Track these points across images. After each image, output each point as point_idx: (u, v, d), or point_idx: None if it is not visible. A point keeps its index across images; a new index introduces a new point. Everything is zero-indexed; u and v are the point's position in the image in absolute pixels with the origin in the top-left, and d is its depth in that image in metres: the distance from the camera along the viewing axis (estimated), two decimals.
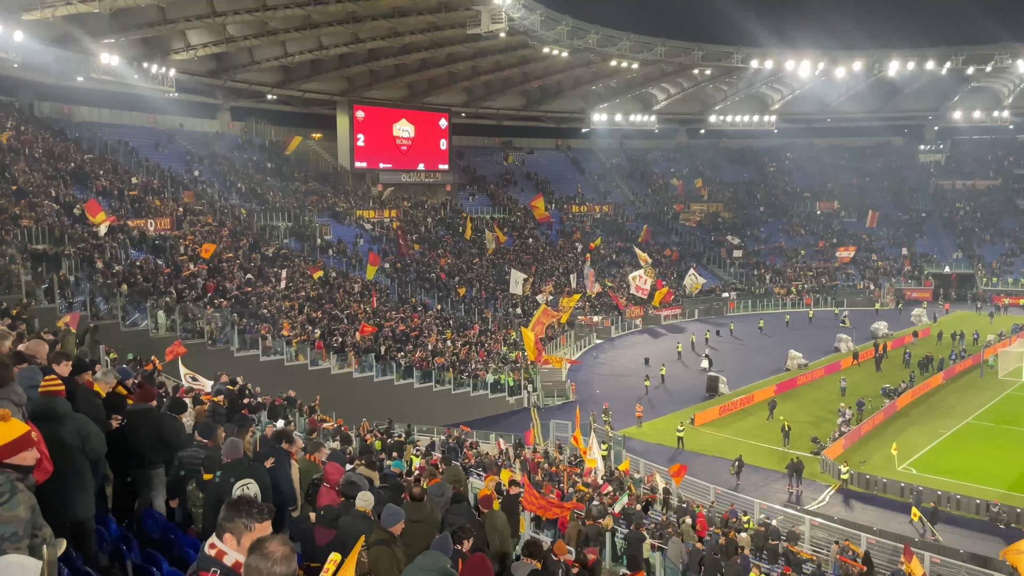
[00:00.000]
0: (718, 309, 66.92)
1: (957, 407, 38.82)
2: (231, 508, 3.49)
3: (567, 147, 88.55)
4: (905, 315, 63.35)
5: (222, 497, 5.79)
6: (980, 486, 28.48)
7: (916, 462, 31.46)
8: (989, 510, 26.44)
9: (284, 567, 3.06)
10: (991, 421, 36.70)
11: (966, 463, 31.09)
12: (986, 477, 29.45)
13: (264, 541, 3.13)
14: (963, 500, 27.35)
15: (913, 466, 31.03)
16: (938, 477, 29.53)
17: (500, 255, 61.73)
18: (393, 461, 14.84)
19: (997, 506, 26.34)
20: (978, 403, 39.43)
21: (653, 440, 35.28)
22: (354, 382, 34.62)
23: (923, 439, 34.08)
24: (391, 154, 66.86)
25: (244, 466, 6.44)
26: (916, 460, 31.66)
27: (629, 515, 20.19)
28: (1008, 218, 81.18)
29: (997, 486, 28.51)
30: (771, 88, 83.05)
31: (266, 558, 3.05)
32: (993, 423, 36.41)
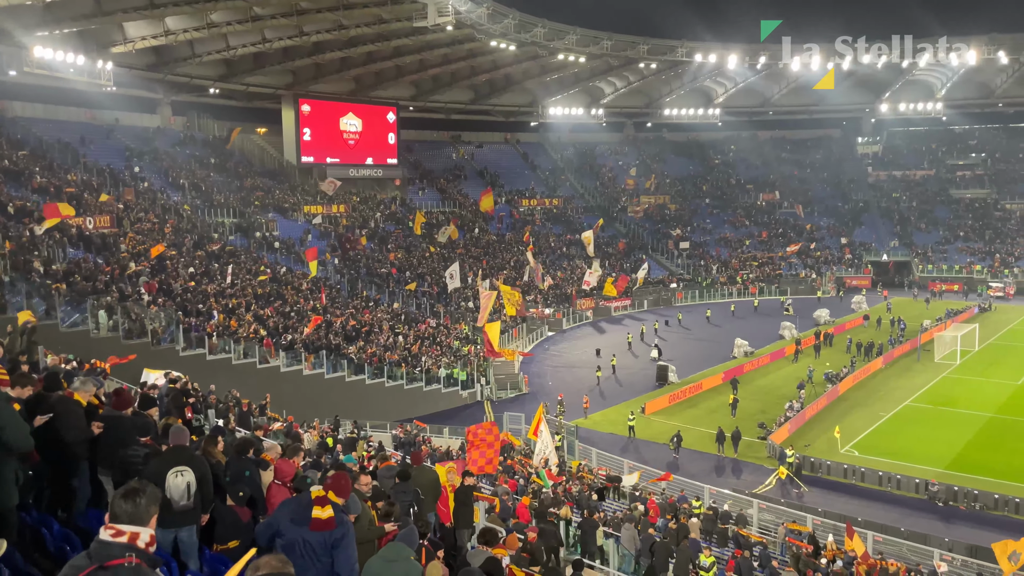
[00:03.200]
0: (667, 300, 67.91)
1: (896, 391, 40.15)
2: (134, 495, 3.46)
3: (516, 141, 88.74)
4: (846, 302, 65.22)
5: (157, 482, 5.74)
6: (919, 466, 29.54)
7: (858, 444, 32.48)
8: (928, 489, 27.45)
9: None
10: (928, 403, 38.06)
11: (905, 444, 32.21)
12: (924, 457, 30.55)
13: (258, 559, 3.25)
14: (903, 480, 28.35)
15: (855, 448, 32.03)
16: (879, 458, 30.52)
17: (451, 249, 61.59)
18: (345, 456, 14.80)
19: (935, 485, 27.36)
20: (915, 386, 40.84)
21: (605, 430, 35.70)
22: (304, 380, 34.22)
23: (864, 422, 35.18)
24: (338, 148, 66.10)
25: (186, 455, 6.37)
26: (858, 442, 32.67)
27: (582, 503, 20.43)
28: (942, 207, 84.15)
29: (935, 466, 29.60)
30: (715, 82, 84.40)
31: (255, 569, 3.18)
32: (930, 405, 37.77)
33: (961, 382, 41.70)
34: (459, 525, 9.15)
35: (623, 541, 17.46)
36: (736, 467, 31.27)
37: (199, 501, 6.05)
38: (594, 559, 16.32)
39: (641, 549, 16.98)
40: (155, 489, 3.56)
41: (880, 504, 27.00)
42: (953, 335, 47.35)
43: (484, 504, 14.86)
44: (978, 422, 34.73)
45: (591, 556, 16.20)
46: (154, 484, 4.82)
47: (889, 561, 20.90)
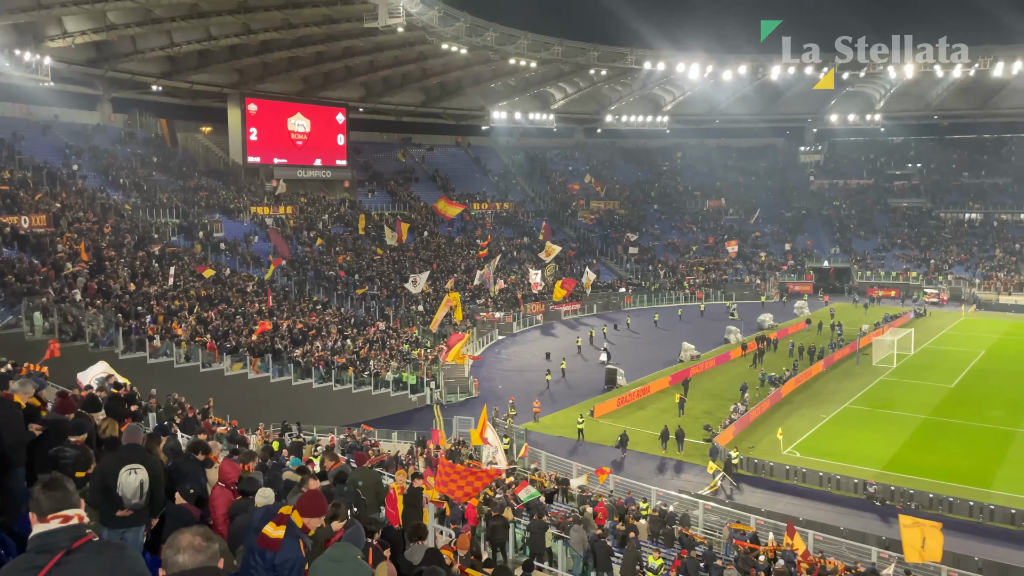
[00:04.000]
0: (615, 304, 68.59)
1: (836, 393, 41.23)
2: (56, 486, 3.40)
3: (467, 144, 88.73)
4: (789, 307, 66.75)
5: (107, 479, 5.59)
6: (858, 466, 30.36)
7: (800, 446, 33.23)
8: (866, 489, 28.21)
9: (189, 556, 3.02)
10: (867, 405, 39.15)
11: (845, 445, 33.07)
12: (863, 458, 31.40)
13: (178, 532, 3.11)
14: (842, 480, 29.09)
15: (797, 449, 32.76)
16: (820, 459, 31.27)
17: (401, 252, 61.19)
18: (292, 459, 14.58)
19: (873, 485, 28.14)
20: (855, 389, 41.99)
21: (554, 433, 35.85)
22: (249, 384, 33.58)
23: (806, 424, 36.03)
24: (286, 149, 65.14)
25: (140, 453, 6.22)
26: (800, 444, 33.43)
27: (531, 505, 20.46)
28: (880, 215, 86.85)
29: (873, 466, 30.45)
30: (663, 90, 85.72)
31: (171, 547, 3.05)
32: (868, 407, 38.86)
33: (898, 385, 43.03)
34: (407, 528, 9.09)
35: (572, 543, 17.55)
36: (683, 468, 31.70)
37: (150, 501, 5.90)
38: (543, 561, 16.36)
39: (588, 551, 17.10)
40: (71, 483, 3.50)
41: (820, 504, 27.67)
42: (890, 339, 48.82)
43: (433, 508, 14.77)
44: (914, 424, 35.85)
45: (540, 558, 16.24)
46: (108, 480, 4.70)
47: (829, 559, 21.44)
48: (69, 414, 7.24)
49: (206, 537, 3.11)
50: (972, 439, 33.66)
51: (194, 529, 3.16)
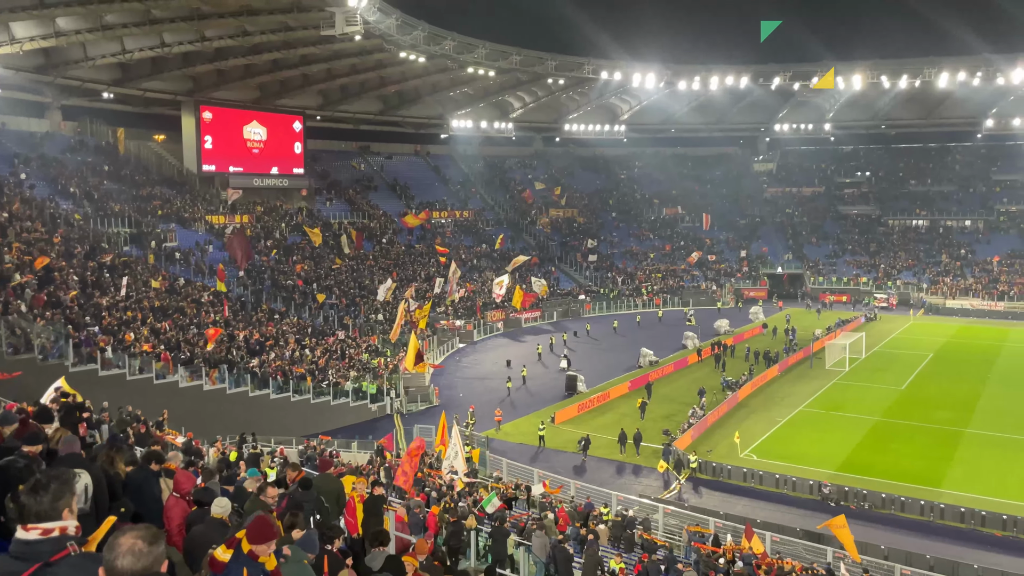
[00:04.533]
0: (575, 311, 68.98)
1: (790, 397, 42.01)
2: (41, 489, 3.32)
3: (426, 153, 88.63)
4: (744, 313, 67.87)
5: None
6: (812, 468, 30.95)
7: (756, 448, 33.77)
8: (821, 491, 28.78)
9: (129, 561, 2.87)
10: (821, 408, 39.97)
11: (800, 448, 33.70)
12: (818, 460, 32.03)
13: (117, 535, 2.96)
14: (798, 482, 29.63)
15: (754, 452, 33.28)
16: (776, 462, 31.82)
17: (360, 260, 60.79)
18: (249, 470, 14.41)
19: (828, 487, 28.72)
20: (809, 392, 42.84)
21: (516, 440, 35.89)
22: (205, 395, 33.01)
23: (762, 427, 36.63)
24: (242, 157, 64.32)
25: (80, 461, 6.14)
26: (756, 447, 33.97)
27: (492, 513, 20.45)
28: (830, 222, 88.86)
29: (827, 468, 31.08)
30: (620, 99, 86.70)
31: (110, 549, 2.90)
32: (822, 410, 39.68)
33: (850, 388, 44.00)
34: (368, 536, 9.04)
35: (534, 549, 17.57)
36: (643, 472, 31.96)
37: (95, 508, 5.80)
38: (505, 567, 16.36)
39: (552, 557, 17.15)
40: (62, 476, 3.39)
41: (777, 505, 28.13)
42: (842, 343, 49.93)
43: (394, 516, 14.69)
44: (866, 425, 36.68)
45: (502, 565, 16.24)
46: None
47: (786, 560, 21.81)
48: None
49: (149, 540, 2.94)
50: (922, 440, 34.56)
51: (136, 531, 2.98)
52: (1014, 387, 43.34)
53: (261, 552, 5.21)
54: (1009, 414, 38.05)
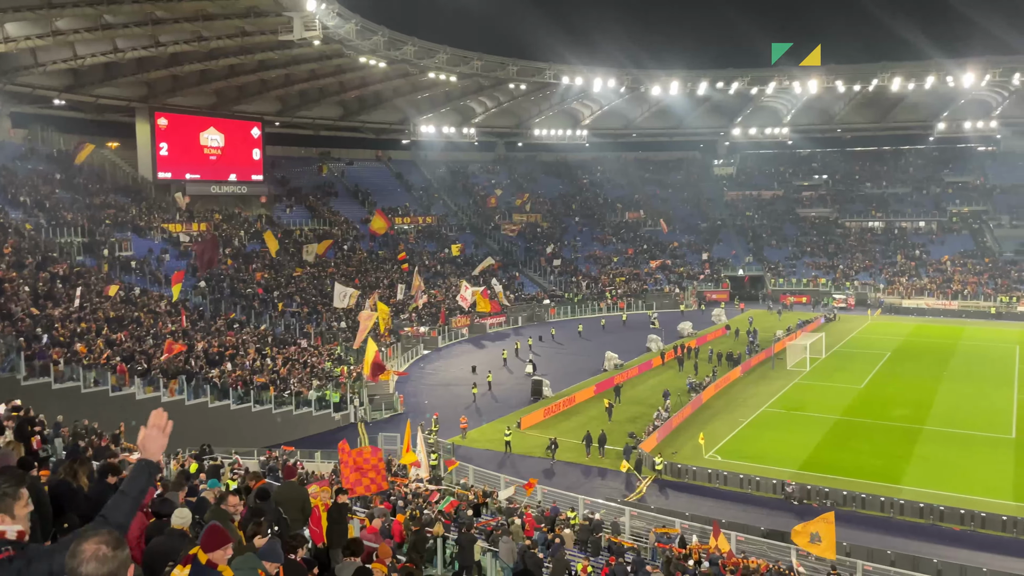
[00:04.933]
0: (540, 316, 69.04)
1: (753, 397, 42.47)
2: None
3: (388, 158, 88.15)
4: (707, 315, 68.56)
5: None
6: (776, 468, 31.28)
7: (721, 449, 34.04)
8: (784, 489, 29.09)
9: (94, 566, 2.80)
10: (783, 408, 40.47)
11: (763, 448, 34.05)
12: (781, 459, 32.39)
13: (79, 540, 2.87)
14: (762, 481, 29.91)
15: (718, 453, 33.54)
16: (740, 462, 32.10)
17: (322, 268, 60.12)
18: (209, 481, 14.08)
19: (791, 485, 29.04)
20: (771, 392, 43.35)
21: (482, 446, 35.70)
22: (163, 407, 32.21)
23: (726, 428, 36.95)
24: (199, 164, 63.24)
25: (17, 475, 5.89)
26: (721, 448, 34.25)
27: (459, 520, 20.29)
28: (790, 225, 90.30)
29: (790, 467, 31.44)
30: (582, 104, 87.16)
31: (73, 556, 2.81)
32: (784, 410, 40.17)
33: (811, 388, 44.64)
34: (332, 544, 8.84)
35: (501, 554, 17.44)
36: (609, 475, 32.01)
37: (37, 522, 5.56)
38: (472, 574, 16.21)
39: (518, 562, 17.03)
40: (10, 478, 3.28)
41: (742, 505, 28.37)
42: (803, 344, 50.66)
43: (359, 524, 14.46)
44: (827, 424, 37.22)
45: (469, 571, 16.08)
46: None
47: (751, 559, 21.98)
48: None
49: (113, 545, 2.87)
50: (881, 437, 35.15)
51: (99, 536, 2.91)
52: (969, 384, 44.37)
53: (218, 559, 5.08)
54: (964, 410, 38.92)
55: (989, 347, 55.62)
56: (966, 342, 57.77)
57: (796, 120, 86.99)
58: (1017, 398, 41.05)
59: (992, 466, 31.15)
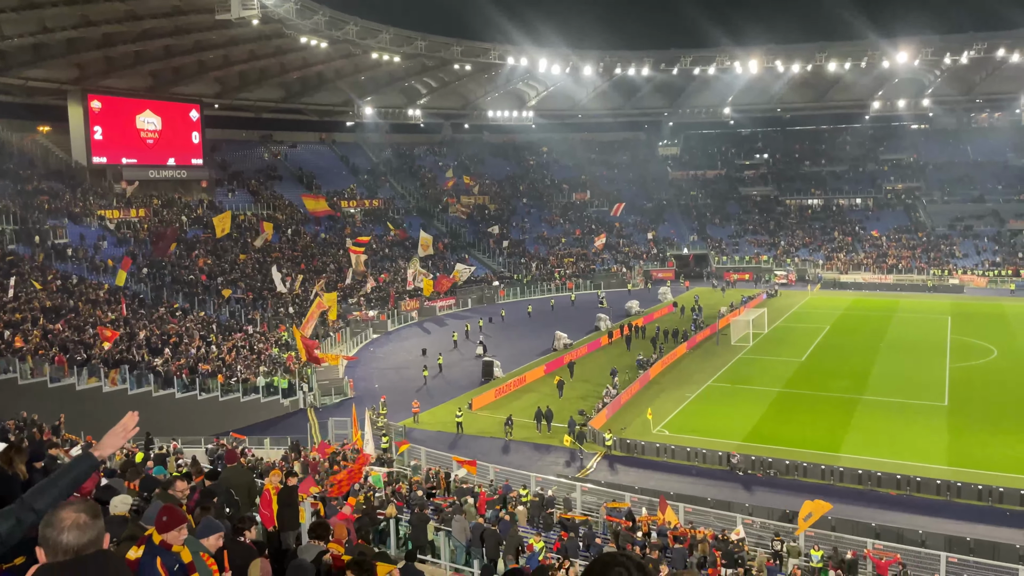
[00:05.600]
0: (489, 297, 69.14)
1: (699, 373, 43.37)
2: None
3: (332, 141, 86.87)
4: (653, 293, 69.61)
5: None
6: (721, 440, 32.08)
7: (668, 424, 34.74)
8: (729, 461, 29.87)
9: (74, 535, 2.76)
10: (727, 382, 41.43)
11: (709, 421, 34.86)
12: (726, 432, 33.21)
13: (57, 510, 2.83)
14: (708, 454, 30.67)
15: (666, 428, 34.23)
16: (687, 436, 32.83)
17: (266, 253, 59.12)
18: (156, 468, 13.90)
19: (735, 457, 29.83)
20: (716, 368, 44.32)
21: (433, 428, 35.77)
22: (105, 397, 31.52)
23: (673, 403, 37.71)
24: (135, 148, 61.40)
25: None
26: (668, 423, 34.95)
27: (411, 501, 20.39)
28: (732, 203, 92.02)
29: (735, 439, 32.26)
30: (527, 85, 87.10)
31: (51, 526, 2.77)
32: (729, 384, 41.13)
33: (754, 362, 45.77)
34: (283, 527, 8.83)
35: (454, 533, 17.62)
36: (562, 453, 32.41)
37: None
38: (425, 553, 16.34)
39: (472, 539, 17.22)
40: None
41: (689, 478, 29.07)
42: (746, 319, 51.85)
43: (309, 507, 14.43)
44: (769, 397, 38.26)
45: (422, 551, 16.20)
46: None
47: (699, 529, 22.58)
48: None
49: (92, 514, 2.84)
50: (822, 408, 36.30)
51: (77, 505, 2.88)
52: (904, 355, 46.03)
53: (173, 540, 5.06)
54: (900, 380, 40.41)
55: (923, 319, 57.73)
56: (901, 314, 59.84)
57: (737, 100, 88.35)
58: (949, 367, 42.78)
59: (926, 433, 32.48)
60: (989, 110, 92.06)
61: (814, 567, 19.85)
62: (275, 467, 21.95)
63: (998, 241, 77.37)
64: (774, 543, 21.39)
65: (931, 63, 73.78)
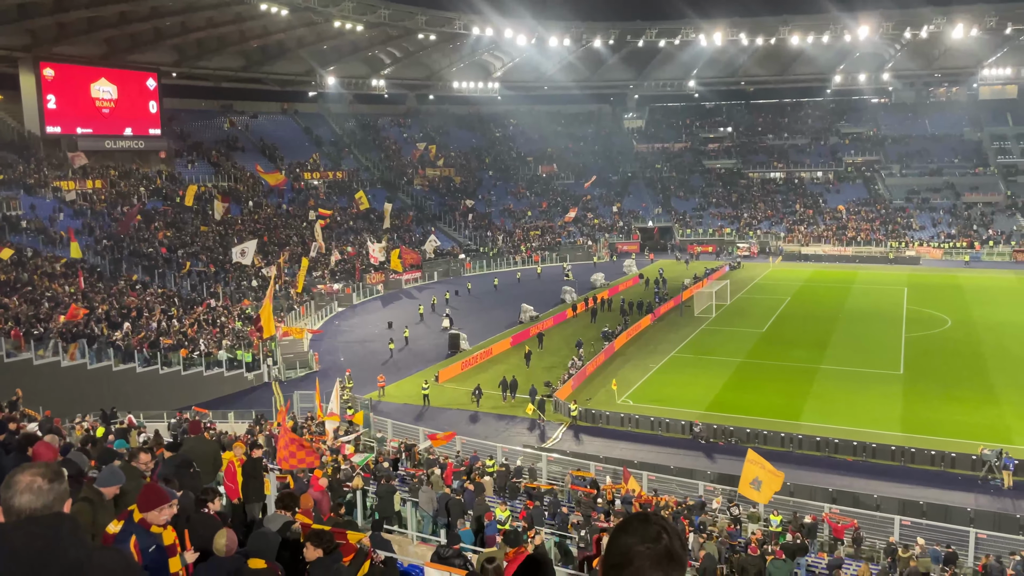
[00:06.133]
0: (456, 270, 69.03)
1: (663, 344, 43.91)
2: None
3: (295, 111, 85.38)
4: (618, 266, 70.06)
5: None
6: (684, 409, 32.61)
7: (633, 394, 35.21)
8: (692, 430, 30.40)
9: (28, 499, 2.67)
10: (691, 353, 42.02)
11: (672, 391, 35.39)
12: (689, 401, 33.76)
13: (15, 472, 2.73)
14: (671, 423, 31.17)
15: (630, 398, 34.69)
16: (651, 405, 33.31)
17: (227, 225, 58.19)
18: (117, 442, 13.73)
19: (698, 426, 30.37)
20: (679, 339, 44.90)
21: (400, 401, 35.82)
22: (63, 372, 31.00)
23: (637, 374, 38.18)
24: (91, 118, 59.75)
25: None
26: (632, 393, 35.41)
27: (378, 472, 20.45)
28: (696, 176, 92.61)
29: (697, 408, 32.83)
30: (493, 56, 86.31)
31: (8, 488, 2.67)
32: (692, 355, 41.73)
33: (717, 333, 46.44)
34: (249, 499, 8.83)
35: (421, 503, 17.74)
36: (528, 423, 32.70)
37: None
38: (392, 524, 16.44)
39: (438, 509, 17.37)
40: None
41: (653, 446, 29.55)
42: (709, 291, 52.50)
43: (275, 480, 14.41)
44: (731, 367, 38.91)
45: (388, 521, 16.30)
46: None
47: (662, 497, 23.01)
48: None
49: (49, 477, 2.73)
50: (782, 377, 37.03)
51: (36, 467, 2.77)
52: (861, 325, 47.05)
53: (153, 520, 5.05)
54: (857, 349, 41.35)
55: (880, 290, 58.94)
56: (859, 285, 61.04)
57: (702, 73, 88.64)
58: (905, 337, 43.85)
59: (882, 400, 33.34)
60: (947, 84, 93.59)
61: (773, 531, 20.38)
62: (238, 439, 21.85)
63: (954, 214, 79.11)
64: (731, 508, 21.91)
65: (892, 37, 74.64)
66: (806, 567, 18.26)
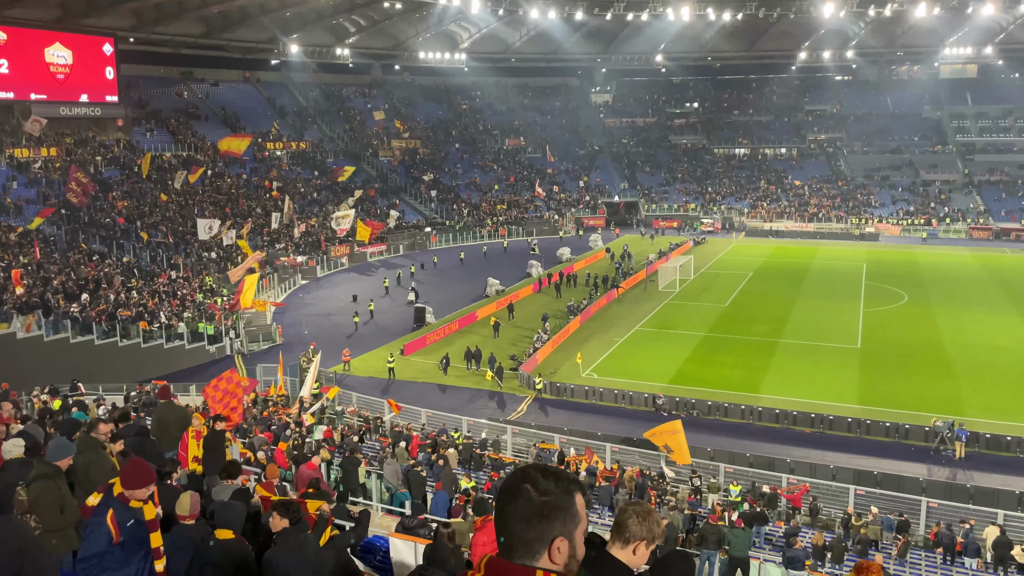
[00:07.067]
0: (421, 244, 68.67)
1: (627, 318, 44.29)
2: None
3: (257, 80, 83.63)
4: (584, 241, 70.31)
5: None
6: (647, 382, 33.03)
7: (597, 368, 35.54)
8: (655, 402, 30.81)
9: None
10: (654, 327, 42.47)
11: (636, 364, 35.80)
12: (652, 375, 34.19)
13: None
14: (635, 396, 31.56)
15: (595, 371, 35.02)
16: (615, 378, 33.67)
17: (189, 196, 57.08)
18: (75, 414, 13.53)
19: (661, 398, 30.79)
20: (643, 313, 45.32)
21: (365, 374, 35.73)
22: (19, 344, 30.31)
23: (601, 348, 38.52)
24: (44, 83, 57.86)
25: None
26: (597, 366, 35.75)
27: (343, 446, 20.42)
28: (662, 152, 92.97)
29: (660, 381, 33.27)
30: (459, 26, 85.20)
31: None
32: (656, 329, 42.18)
33: (681, 307, 46.97)
34: (209, 471, 8.75)
35: (386, 476, 17.79)
36: (494, 396, 32.86)
37: None
38: (357, 496, 16.46)
39: (404, 481, 17.43)
40: None
41: (617, 419, 29.91)
42: (673, 266, 52.97)
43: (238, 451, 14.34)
44: (694, 341, 39.43)
45: (353, 494, 16.31)
46: None
47: (626, 468, 23.34)
48: None
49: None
50: (742, 351, 37.64)
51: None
52: (821, 300, 47.91)
53: (134, 496, 5.00)
54: (816, 324, 42.15)
55: (840, 265, 59.99)
56: (820, 261, 62.05)
57: (669, 48, 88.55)
58: (863, 312, 44.77)
59: (840, 374, 34.10)
60: (909, 63, 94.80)
61: (732, 500, 20.82)
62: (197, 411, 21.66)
63: (912, 191, 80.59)
64: (692, 479, 22.33)
65: (857, 15, 75.19)
66: (764, 535, 18.72)
